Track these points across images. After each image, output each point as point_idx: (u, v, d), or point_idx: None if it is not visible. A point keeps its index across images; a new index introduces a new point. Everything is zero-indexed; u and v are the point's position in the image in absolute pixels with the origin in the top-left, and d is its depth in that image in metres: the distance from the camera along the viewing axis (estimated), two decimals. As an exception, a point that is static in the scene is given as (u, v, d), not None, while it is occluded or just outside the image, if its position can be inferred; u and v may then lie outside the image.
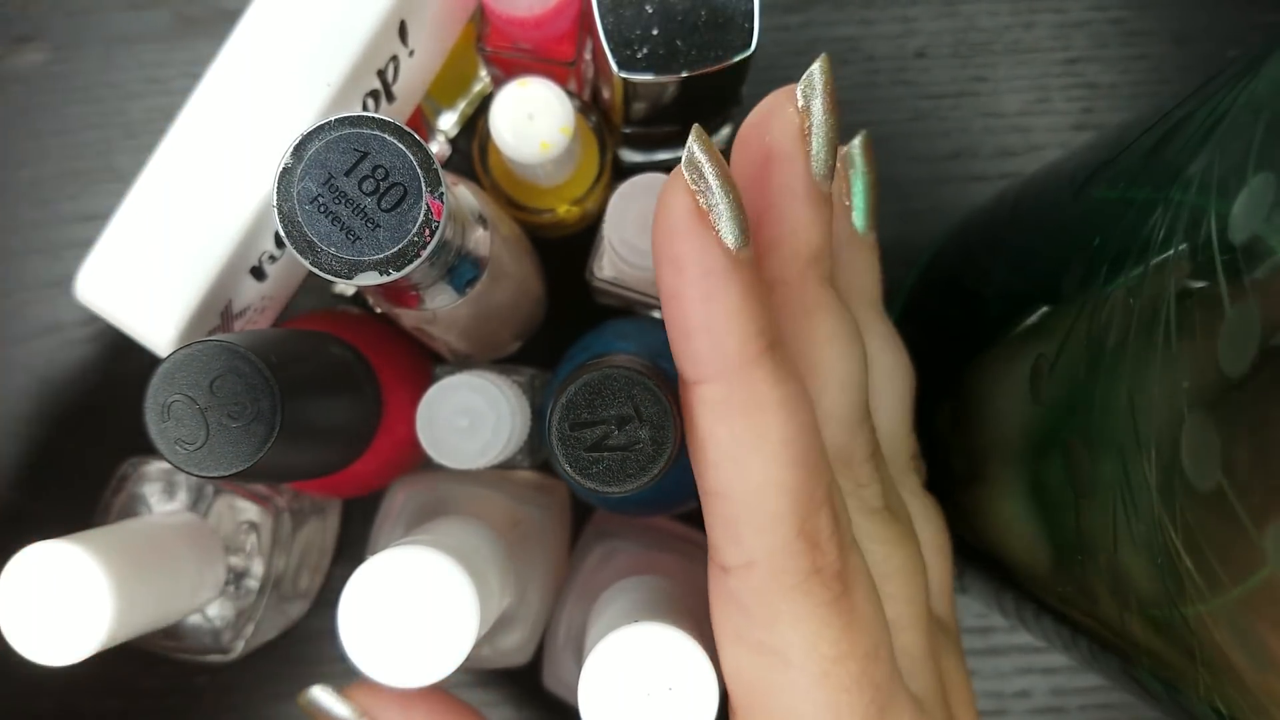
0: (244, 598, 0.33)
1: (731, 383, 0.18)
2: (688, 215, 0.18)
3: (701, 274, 0.18)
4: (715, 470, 0.19)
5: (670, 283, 0.18)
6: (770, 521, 0.19)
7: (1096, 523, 0.20)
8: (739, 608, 0.20)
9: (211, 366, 0.21)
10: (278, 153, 0.25)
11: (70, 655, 0.25)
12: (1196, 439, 0.16)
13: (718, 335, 0.18)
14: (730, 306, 0.18)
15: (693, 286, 0.18)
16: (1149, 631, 0.19)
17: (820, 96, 0.20)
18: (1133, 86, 0.41)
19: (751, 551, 0.19)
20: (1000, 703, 0.40)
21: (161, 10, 0.41)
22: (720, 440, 0.19)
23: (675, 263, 0.18)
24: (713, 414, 0.19)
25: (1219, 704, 0.17)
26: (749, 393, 0.18)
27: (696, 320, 0.18)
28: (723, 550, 0.20)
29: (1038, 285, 0.25)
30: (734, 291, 0.18)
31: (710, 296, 0.18)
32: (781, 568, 0.19)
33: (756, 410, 0.18)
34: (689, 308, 0.18)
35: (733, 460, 0.19)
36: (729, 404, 0.18)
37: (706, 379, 0.19)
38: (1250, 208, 0.15)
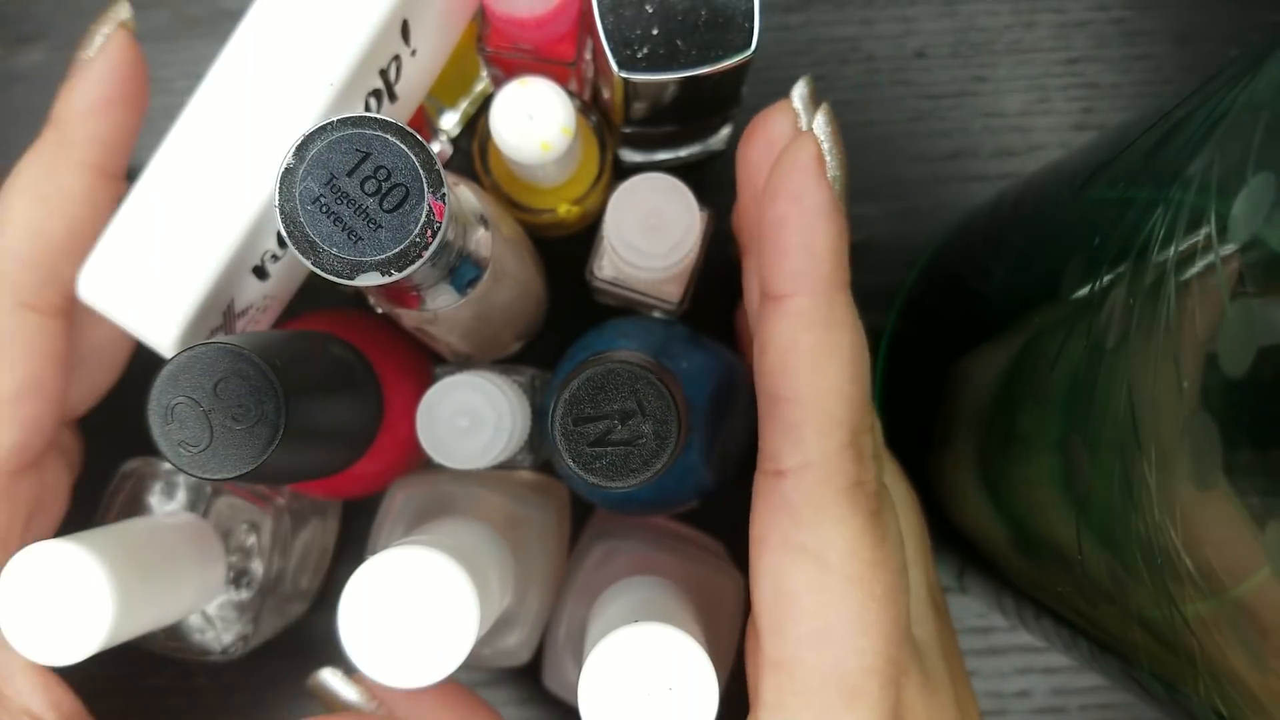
0: (244, 598, 0.33)
1: (820, 298, 0.21)
2: (814, 159, 0.22)
3: (814, 206, 0.21)
4: (791, 376, 0.21)
5: (783, 210, 0.22)
6: (832, 424, 0.21)
7: (1096, 523, 0.20)
8: (788, 509, 0.21)
9: (215, 369, 0.21)
10: (280, 152, 0.25)
11: (70, 655, 0.25)
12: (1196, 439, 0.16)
13: (817, 257, 0.21)
14: (831, 238, 0.22)
15: (805, 215, 0.21)
16: (1149, 631, 0.19)
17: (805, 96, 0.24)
18: (1134, 86, 0.41)
19: (810, 453, 0.21)
20: (1000, 703, 0.40)
21: (162, 10, 0.41)
22: (801, 347, 0.21)
23: (795, 195, 0.22)
24: (798, 323, 0.21)
25: (1219, 704, 0.17)
26: (832, 310, 0.21)
27: (801, 242, 0.21)
28: (781, 455, 0.22)
29: (1038, 285, 0.25)
30: (835, 228, 0.22)
31: (815, 227, 0.21)
32: (835, 470, 0.21)
33: (837, 326, 0.21)
34: (798, 232, 0.22)
35: (810, 365, 0.21)
36: (814, 316, 0.21)
37: (799, 292, 0.21)
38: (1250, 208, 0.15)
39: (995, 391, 0.27)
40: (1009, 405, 0.25)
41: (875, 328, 0.39)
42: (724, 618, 0.33)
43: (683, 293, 0.34)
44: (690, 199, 0.32)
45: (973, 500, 0.28)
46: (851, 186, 0.41)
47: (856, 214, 0.41)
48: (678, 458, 0.22)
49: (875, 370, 0.38)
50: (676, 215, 0.32)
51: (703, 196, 0.33)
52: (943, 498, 0.30)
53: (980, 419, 0.28)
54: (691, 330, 0.34)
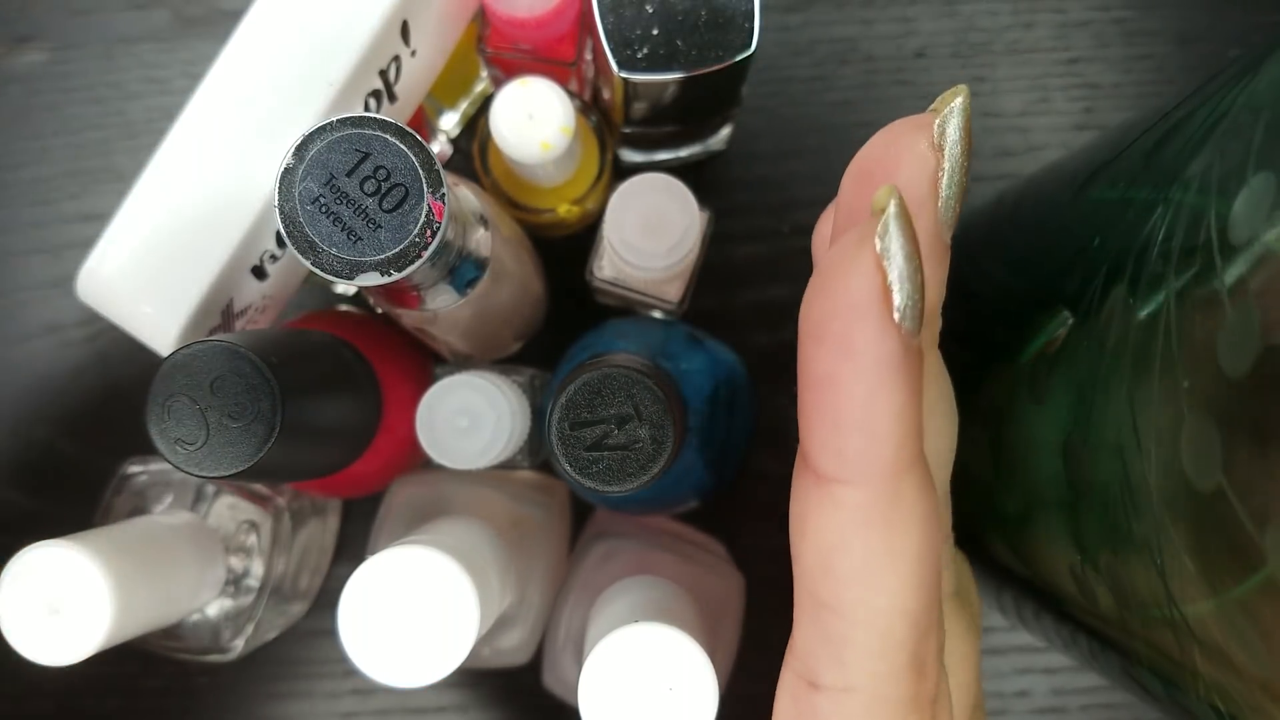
0: (244, 598, 0.33)
1: (879, 492, 0.16)
2: (873, 294, 0.15)
3: (873, 364, 0.15)
4: (839, 584, 0.17)
5: (830, 366, 0.16)
6: (885, 649, 0.17)
7: (1097, 523, 0.20)
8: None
9: (212, 367, 0.21)
10: (279, 153, 0.25)
11: (70, 655, 0.25)
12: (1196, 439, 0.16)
13: (877, 438, 0.16)
14: (896, 407, 0.16)
15: (861, 379, 0.16)
16: (1149, 631, 0.19)
17: (959, 134, 0.17)
18: (1134, 86, 0.41)
19: (855, 677, 0.17)
20: (1000, 703, 0.40)
21: (162, 10, 0.41)
22: (854, 553, 0.17)
23: (845, 345, 0.15)
24: (851, 522, 0.16)
25: (1219, 704, 0.17)
26: (895, 506, 0.16)
27: (856, 417, 0.16)
28: (819, 669, 0.18)
29: (1038, 285, 0.25)
30: (902, 390, 0.16)
31: (876, 393, 0.16)
32: (885, 697, 0.17)
33: (899, 526, 0.16)
34: (850, 401, 0.16)
35: (863, 578, 0.17)
36: (870, 515, 0.16)
37: (850, 481, 0.16)
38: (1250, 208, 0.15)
39: (995, 394, 0.27)
40: (1009, 405, 0.25)
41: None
42: (724, 618, 0.33)
43: (683, 293, 0.34)
44: (690, 199, 0.32)
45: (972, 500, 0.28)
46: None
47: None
48: (676, 459, 0.22)
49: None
50: (676, 215, 0.32)
51: (703, 196, 0.33)
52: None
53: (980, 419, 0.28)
54: (691, 330, 0.34)
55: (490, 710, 0.39)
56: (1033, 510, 0.24)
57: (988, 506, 0.27)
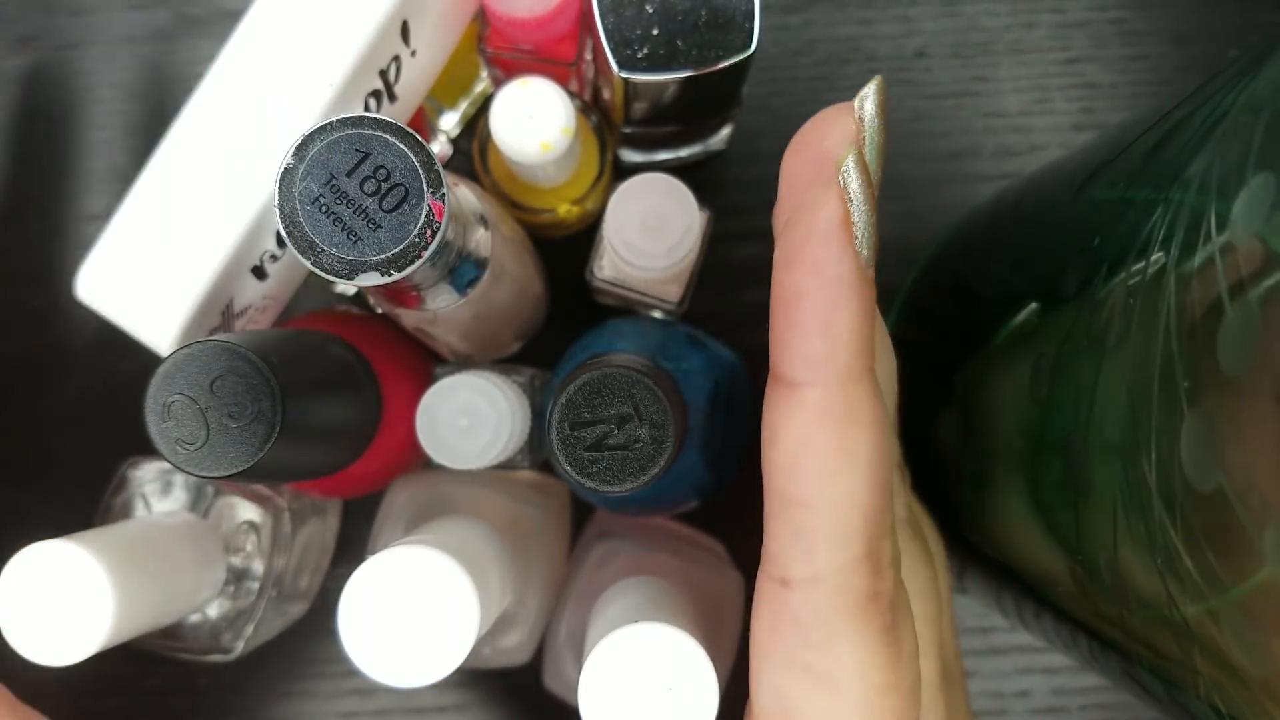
0: (244, 598, 0.33)
1: (837, 392, 0.18)
2: (838, 222, 0.18)
3: (836, 279, 0.18)
4: (804, 477, 0.19)
5: (801, 282, 0.19)
6: (846, 537, 0.19)
7: (1096, 523, 0.20)
8: (795, 627, 0.19)
9: (212, 366, 0.21)
10: (279, 152, 0.25)
11: (70, 655, 0.25)
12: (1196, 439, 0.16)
13: (837, 342, 0.18)
14: (854, 318, 0.18)
15: (825, 289, 0.18)
16: (1149, 631, 0.19)
17: (875, 109, 0.20)
18: (1133, 86, 0.41)
19: (821, 566, 0.19)
20: (1000, 703, 0.40)
21: (162, 10, 0.41)
22: (816, 447, 0.19)
23: (815, 264, 0.18)
24: (813, 418, 0.19)
25: (1219, 704, 0.17)
26: (851, 405, 0.19)
27: (819, 323, 0.18)
28: (790, 562, 0.19)
29: (1038, 285, 0.25)
30: (859, 305, 0.18)
31: (838, 304, 0.18)
32: (847, 587, 0.19)
33: (856, 424, 0.19)
34: (815, 310, 0.18)
35: (826, 469, 0.19)
36: (830, 412, 0.18)
37: (814, 382, 0.19)
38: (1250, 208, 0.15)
39: (995, 393, 0.27)
40: (1009, 406, 0.25)
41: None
42: (724, 618, 0.33)
43: (682, 293, 0.34)
44: (690, 199, 0.32)
45: (973, 500, 0.28)
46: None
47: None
48: (676, 459, 0.22)
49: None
50: (676, 215, 0.32)
51: (703, 196, 0.33)
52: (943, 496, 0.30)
53: (980, 420, 0.28)
54: (691, 330, 0.34)
55: (490, 710, 0.39)
56: (1032, 510, 0.24)
57: (986, 505, 0.27)
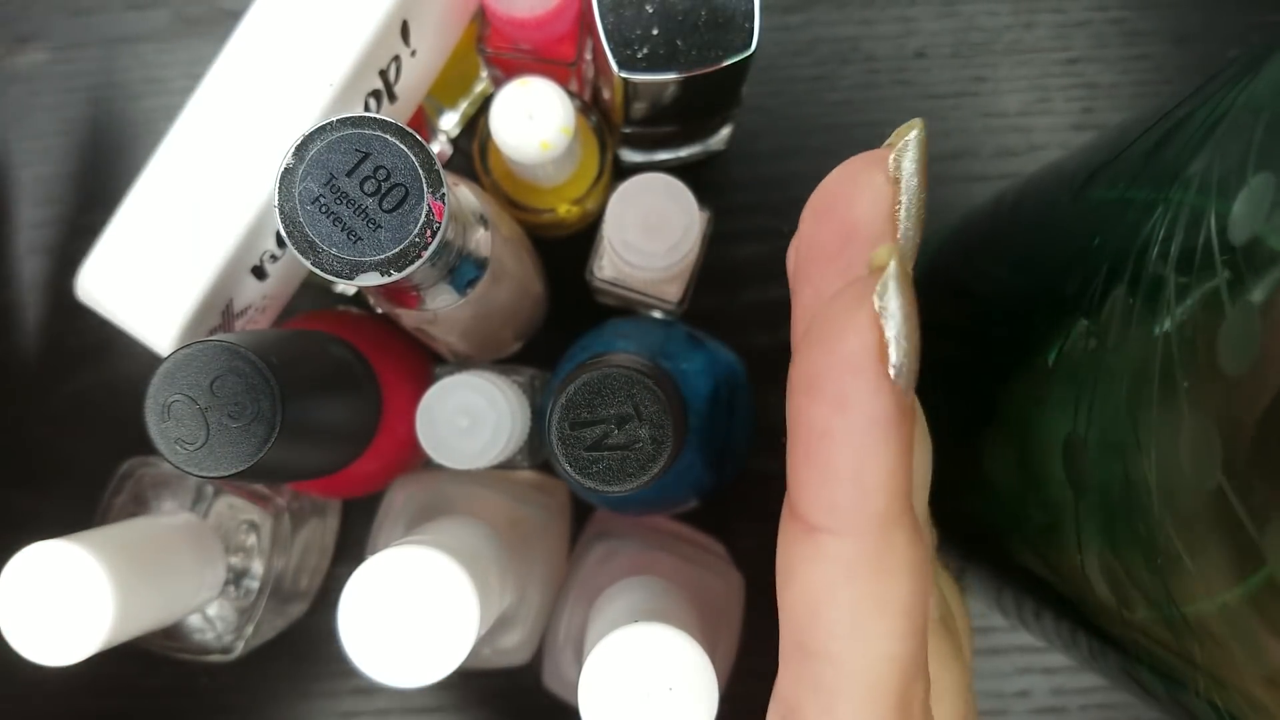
0: (244, 598, 0.33)
1: (868, 544, 0.16)
2: (871, 354, 0.16)
3: (868, 421, 0.16)
4: (827, 634, 0.17)
5: (824, 419, 0.16)
6: (874, 699, 0.17)
7: (1097, 523, 0.20)
8: None
9: (212, 366, 0.21)
10: (279, 153, 0.25)
11: (70, 655, 0.25)
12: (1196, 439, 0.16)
13: (868, 492, 0.16)
14: (889, 464, 0.16)
15: (854, 435, 0.16)
16: (1149, 631, 0.19)
17: (915, 166, 0.18)
18: (1133, 86, 0.41)
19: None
20: (1000, 703, 0.40)
21: (162, 10, 0.41)
22: (842, 603, 0.17)
23: (841, 400, 0.16)
24: (840, 573, 0.17)
25: (1219, 703, 0.17)
26: (884, 557, 0.16)
27: (848, 471, 0.16)
28: (805, 713, 0.18)
29: (1038, 285, 0.25)
30: (895, 446, 0.16)
31: (869, 450, 0.16)
32: None
33: (888, 575, 0.17)
34: (842, 456, 0.16)
35: (851, 628, 0.17)
36: (859, 566, 0.16)
37: (840, 533, 0.16)
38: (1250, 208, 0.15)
39: (995, 392, 0.27)
40: (1009, 405, 0.25)
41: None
42: (724, 618, 0.33)
43: (682, 293, 0.34)
44: (690, 199, 0.32)
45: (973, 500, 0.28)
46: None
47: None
48: (676, 459, 0.22)
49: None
50: (676, 215, 0.32)
51: (703, 197, 0.33)
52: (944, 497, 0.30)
53: (980, 419, 0.28)
54: (691, 330, 0.34)
55: (490, 710, 0.39)
56: (1032, 510, 0.24)
57: (987, 506, 0.27)
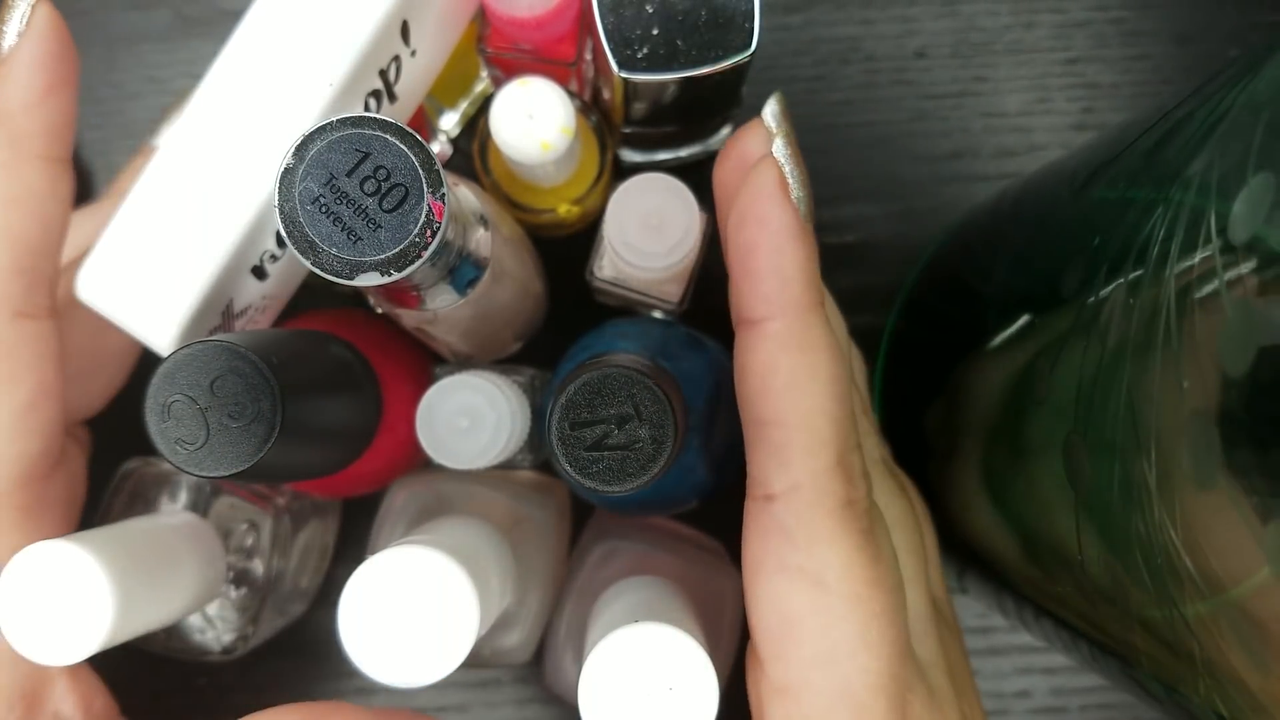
0: (244, 598, 0.33)
1: (794, 321, 0.22)
2: (777, 184, 0.22)
3: (780, 229, 0.22)
4: (775, 398, 0.22)
5: (751, 235, 0.22)
6: (818, 445, 0.21)
7: (1096, 523, 0.20)
8: (782, 533, 0.21)
9: (212, 366, 0.21)
10: (279, 153, 0.25)
11: (70, 655, 0.25)
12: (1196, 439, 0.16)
13: (788, 280, 0.22)
14: (800, 259, 0.22)
15: (773, 239, 0.22)
16: (1149, 632, 0.19)
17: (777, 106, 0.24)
18: (1133, 86, 0.41)
19: (798, 474, 0.21)
20: (1000, 703, 0.40)
21: (162, 10, 0.41)
22: (781, 369, 0.21)
23: (761, 219, 0.22)
24: (775, 345, 0.22)
25: (1219, 704, 0.17)
26: (808, 332, 0.22)
27: (770, 265, 0.22)
28: (770, 479, 0.22)
29: (1038, 285, 0.25)
30: (803, 249, 0.22)
31: (783, 249, 0.22)
32: (824, 489, 0.21)
33: (813, 348, 0.22)
34: (767, 256, 0.22)
35: (791, 388, 0.21)
36: (790, 339, 0.22)
37: (773, 316, 0.22)
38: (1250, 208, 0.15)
39: (995, 392, 0.27)
40: (1009, 405, 0.25)
41: (875, 328, 0.39)
42: (724, 618, 0.33)
43: (683, 293, 0.34)
44: (690, 199, 0.32)
45: (974, 499, 0.28)
46: (852, 186, 0.41)
47: (857, 214, 0.41)
48: (677, 459, 0.22)
49: (875, 370, 0.38)
50: (676, 215, 0.32)
51: (703, 196, 0.33)
52: (944, 497, 0.30)
53: (981, 419, 0.28)
54: (691, 331, 0.34)
55: (490, 710, 0.39)
56: (1032, 509, 0.24)
57: (987, 506, 0.27)
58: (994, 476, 0.27)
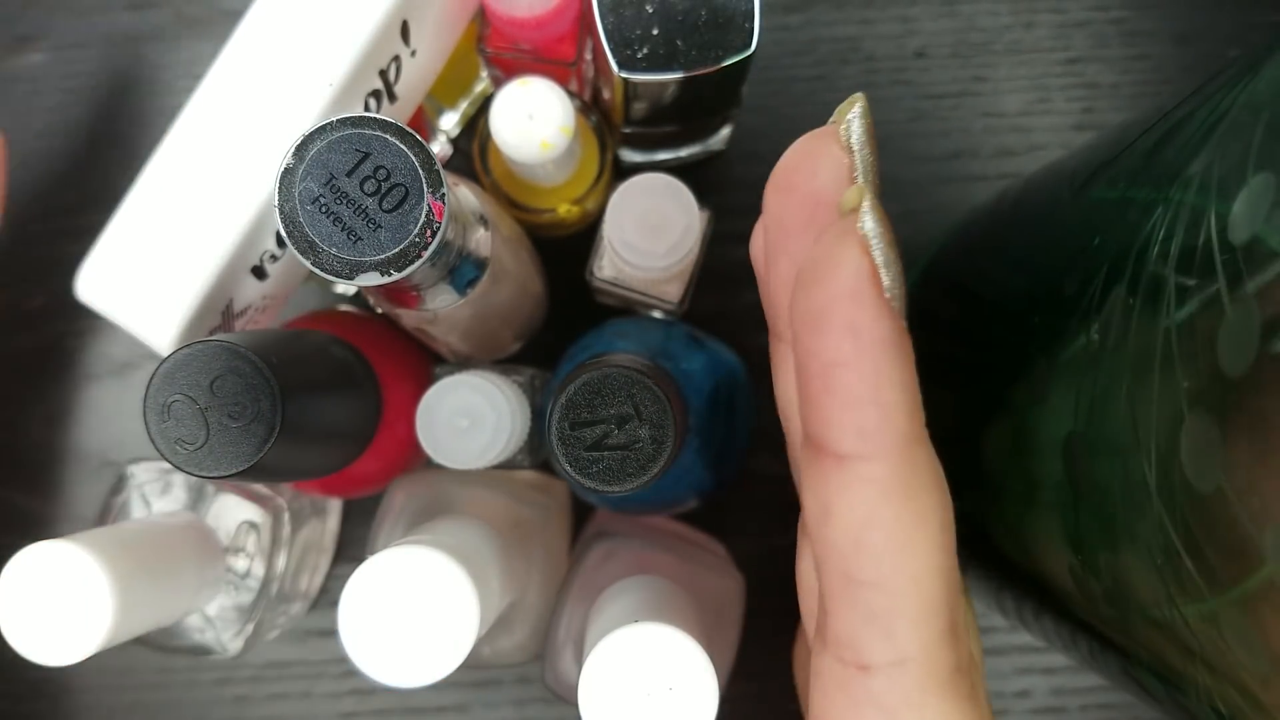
0: (244, 598, 0.33)
1: (898, 462, 0.17)
2: (868, 279, 0.17)
3: (876, 343, 0.17)
4: (874, 557, 0.17)
5: (836, 348, 0.17)
6: (930, 613, 0.18)
7: (1097, 523, 0.20)
8: (881, 712, 0.18)
9: (212, 366, 0.21)
10: (279, 152, 0.25)
11: (70, 655, 0.25)
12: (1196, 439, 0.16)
13: (889, 409, 0.17)
14: (902, 381, 0.17)
15: (867, 357, 0.17)
16: (1149, 631, 0.19)
17: (864, 134, 0.19)
18: (1133, 86, 0.41)
19: (906, 648, 0.18)
20: (1000, 703, 0.40)
21: (163, 10, 0.41)
22: (884, 524, 0.17)
23: (850, 328, 0.17)
24: (878, 495, 0.17)
25: (1219, 704, 0.17)
26: (914, 473, 0.17)
27: (865, 392, 0.17)
28: (867, 648, 0.18)
29: (1038, 285, 0.25)
30: (904, 365, 0.17)
31: (882, 369, 0.17)
32: (935, 664, 0.18)
33: (921, 491, 0.17)
34: (861, 378, 0.17)
35: (898, 545, 0.17)
36: (894, 484, 0.17)
37: (871, 456, 0.17)
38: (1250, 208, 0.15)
39: (995, 391, 0.27)
40: (1009, 406, 0.25)
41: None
42: (724, 618, 0.33)
43: (682, 293, 0.34)
44: (690, 199, 0.32)
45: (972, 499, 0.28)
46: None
47: (856, 214, 0.41)
48: (676, 459, 0.22)
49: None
50: (676, 215, 0.32)
51: (703, 196, 0.33)
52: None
53: (981, 418, 0.28)
54: (691, 330, 0.34)
55: (490, 710, 0.39)
56: (1033, 510, 0.24)
57: (988, 505, 0.27)
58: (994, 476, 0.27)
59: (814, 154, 0.19)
